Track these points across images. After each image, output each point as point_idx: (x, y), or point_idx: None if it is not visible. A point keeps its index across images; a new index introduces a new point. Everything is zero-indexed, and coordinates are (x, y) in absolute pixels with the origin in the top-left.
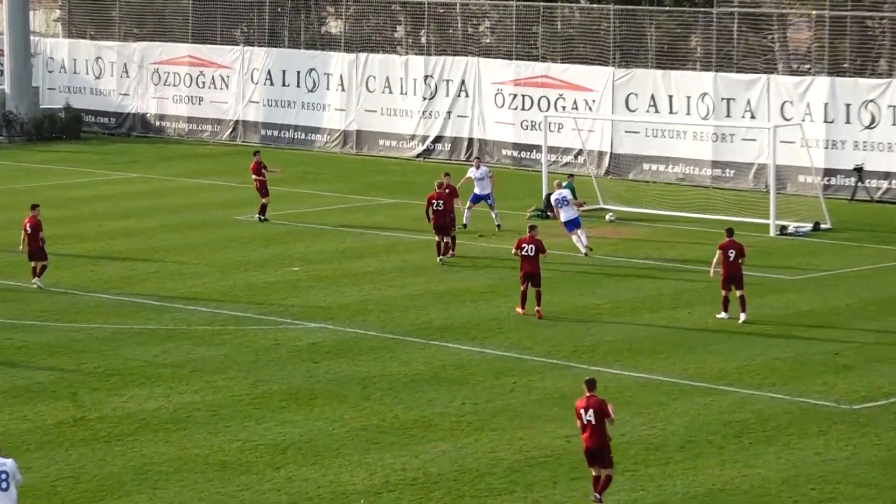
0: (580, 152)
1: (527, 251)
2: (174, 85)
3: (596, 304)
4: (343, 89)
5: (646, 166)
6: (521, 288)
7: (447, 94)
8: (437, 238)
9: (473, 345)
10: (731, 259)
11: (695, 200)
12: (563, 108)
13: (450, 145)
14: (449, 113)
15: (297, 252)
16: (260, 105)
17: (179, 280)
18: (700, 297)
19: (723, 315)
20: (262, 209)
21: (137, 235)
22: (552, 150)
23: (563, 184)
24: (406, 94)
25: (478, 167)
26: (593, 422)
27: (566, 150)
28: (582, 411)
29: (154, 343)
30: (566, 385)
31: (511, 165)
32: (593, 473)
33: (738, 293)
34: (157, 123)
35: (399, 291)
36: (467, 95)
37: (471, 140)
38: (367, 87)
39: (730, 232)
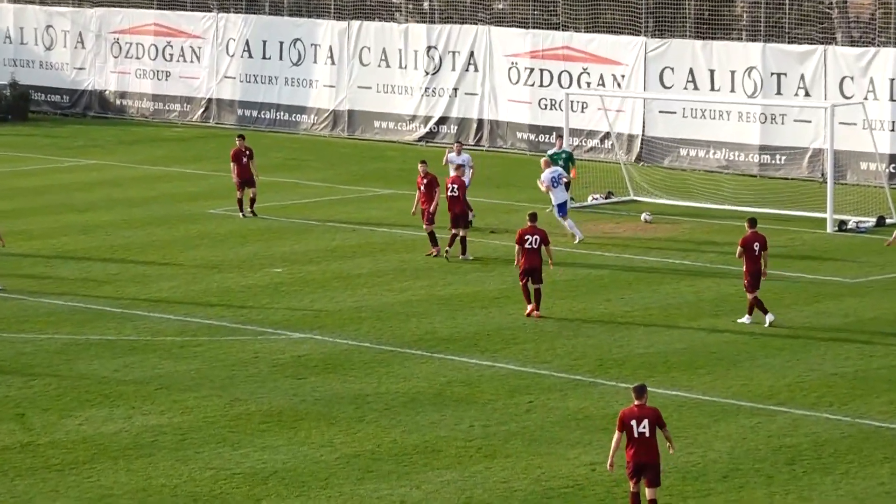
0: (607, 136)
1: (530, 243)
2: (137, 58)
3: (625, 311)
4: (333, 63)
5: (683, 152)
6: (521, 282)
7: (453, 69)
8: (451, 230)
9: (483, 358)
10: (756, 254)
11: (739, 191)
12: (588, 84)
13: (456, 127)
14: (455, 90)
15: (280, 251)
16: (237, 81)
17: (143, 283)
18: (745, 304)
19: (746, 319)
20: (250, 202)
21: (95, 232)
22: (574, 132)
23: (552, 153)
24: (406, 68)
25: (458, 152)
26: (647, 434)
27: (591, 134)
28: (634, 423)
29: (114, 356)
30: (590, 404)
31: (527, 151)
32: (633, 489)
33: (750, 296)
34: (118, 102)
35: (397, 296)
36: (476, 70)
37: (480, 122)
38: (360, 60)
39: (752, 223)
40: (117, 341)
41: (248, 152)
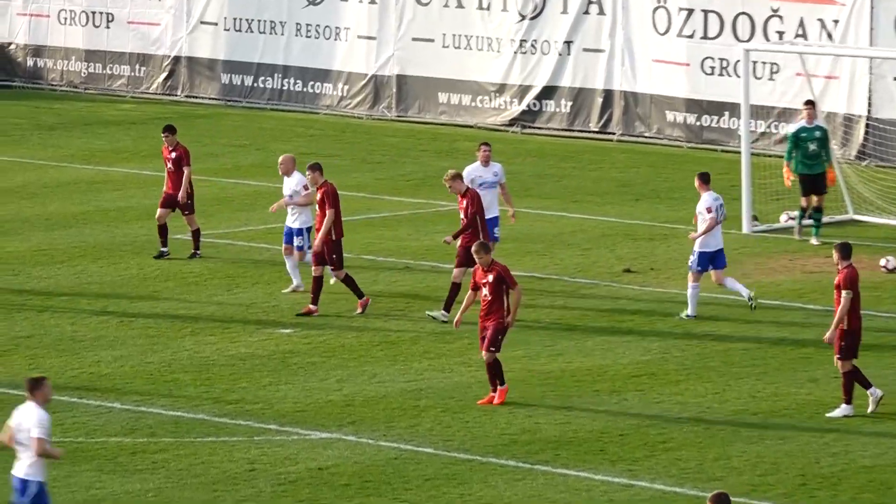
0: None
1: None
2: None
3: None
4: (373, 1)
5: None
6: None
7: (564, 10)
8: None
9: (614, 472)
10: None
11: None
12: (780, 35)
13: (569, 104)
14: (568, 45)
15: (290, 301)
16: (219, 30)
17: (72, 353)
18: None
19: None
20: (192, 236)
21: None
22: (758, 111)
23: (797, 129)
24: (489, 8)
25: (486, 161)
26: None
27: (783, 113)
28: None
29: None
30: None
31: (684, 141)
32: None
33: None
34: (30, 63)
35: (476, 373)
36: (602, 12)
37: (608, 94)
38: None
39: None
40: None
41: (175, 154)
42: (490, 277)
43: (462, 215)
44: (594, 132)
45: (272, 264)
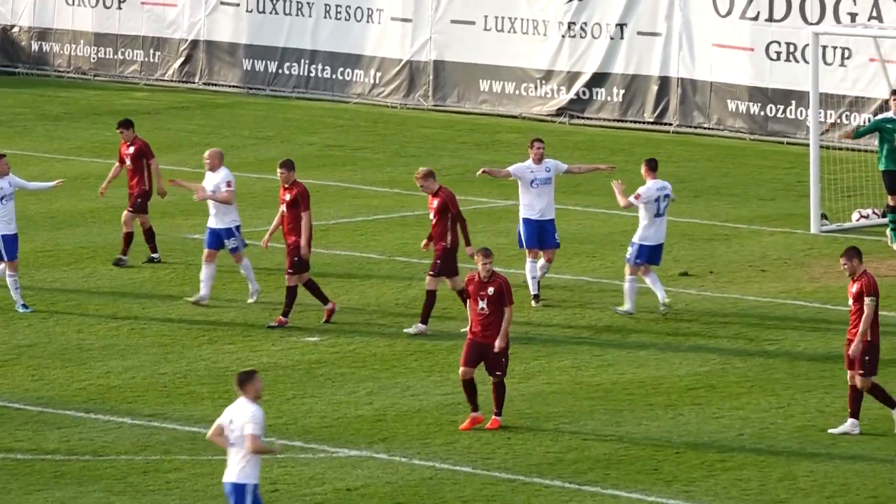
0: (886, 108)
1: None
2: None
3: None
4: None
5: None
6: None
7: None
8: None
9: (674, 495)
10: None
11: None
12: (852, 17)
13: (622, 92)
14: (620, 27)
15: (316, 307)
16: (240, 11)
17: (79, 363)
18: None
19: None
20: (148, 236)
21: None
22: (827, 100)
23: (884, 118)
24: None
25: (539, 158)
26: None
27: (857, 103)
28: None
29: (25, 490)
30: None
31: (746, 133)
32: None
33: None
34: (35, 48)
35: (519, 385)
36: None
37: (664, 81)
38: None
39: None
40: (33, 462)
41: (134, 148)
42: (490, 290)
43: (431, 216)
44: (649, 123)
45: None
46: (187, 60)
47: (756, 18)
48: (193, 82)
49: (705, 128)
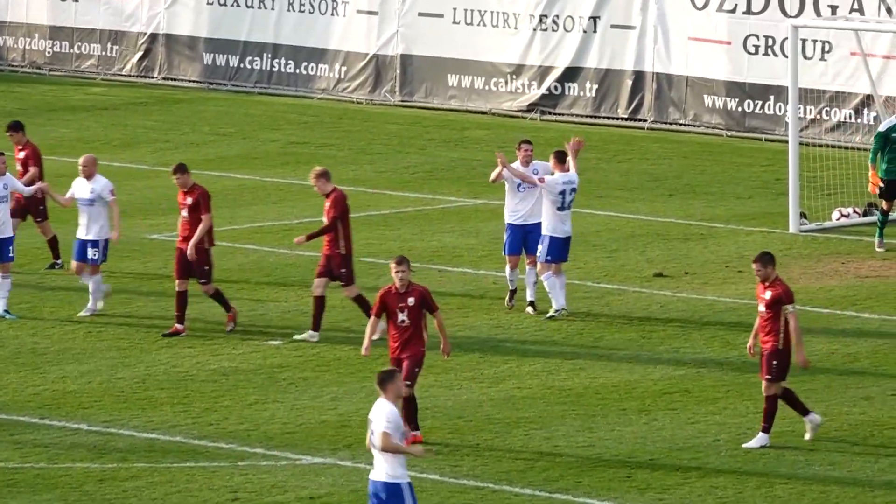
0: (867, 104)
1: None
2: None
3: None
4: None
5: None
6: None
7: None
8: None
9: (643, 501)
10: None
11: None
12: (832, 10)
13: (595, 87)
14: (593, 20)
15: (279, 310)
16: (201, 4)
17: (34, 368)
18: None
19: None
20: (52, 244)
21: None
22: (808, 95)
23: (891, 126)
24: None
25: (528, 161)
26: None
27: (836, 99)
28: None
29: None
30: None
31: (723, 129)
32: None
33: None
34: None
35: (489, 390)
36: None
37: (639, 76)
38: None
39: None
40: None
41: (24, 153)
42: (411, 301)
43: (325, 219)
44: (623, 119)
45: (259, 268)
46: (146, 54)
47: (734, 11)
48: (152, 77)
49: (681, 124)
